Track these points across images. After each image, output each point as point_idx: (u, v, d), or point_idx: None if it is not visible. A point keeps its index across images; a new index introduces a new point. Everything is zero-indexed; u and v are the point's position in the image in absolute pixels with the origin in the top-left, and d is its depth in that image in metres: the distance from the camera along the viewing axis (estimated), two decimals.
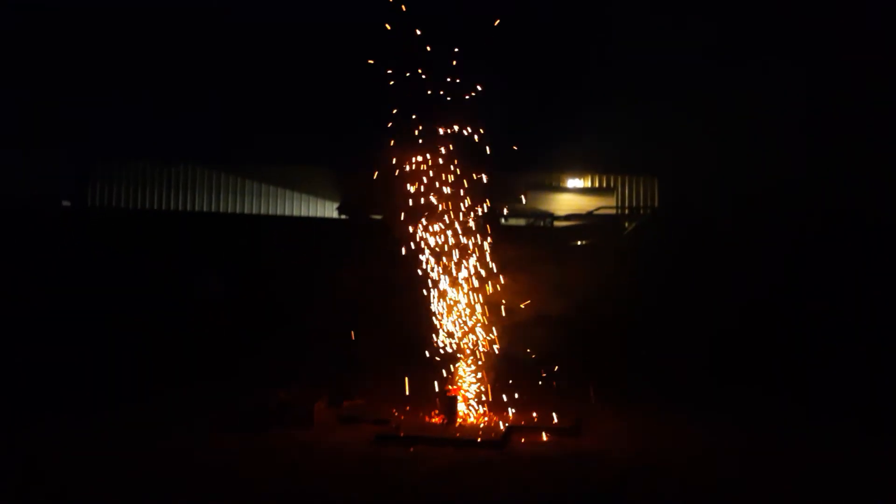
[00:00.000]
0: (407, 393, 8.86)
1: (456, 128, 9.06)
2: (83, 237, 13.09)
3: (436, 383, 8.92)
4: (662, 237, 13.50)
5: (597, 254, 14.02)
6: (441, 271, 8.90)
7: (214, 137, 17.02)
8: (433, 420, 8.62)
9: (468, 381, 8.88)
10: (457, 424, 8.39)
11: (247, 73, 16.53)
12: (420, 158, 9.01)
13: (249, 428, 7.84)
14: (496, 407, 8.76)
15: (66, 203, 17.22)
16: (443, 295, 8.86)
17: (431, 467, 6.61)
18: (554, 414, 8.32)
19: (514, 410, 8.70)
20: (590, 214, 16.93)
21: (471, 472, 6.51)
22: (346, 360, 9.69)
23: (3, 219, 13.27)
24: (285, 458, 6.82)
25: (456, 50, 8.69)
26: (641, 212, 17.47)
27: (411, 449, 7.29)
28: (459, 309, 8.88)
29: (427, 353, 8.95)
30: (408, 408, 8.83)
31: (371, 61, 8.85)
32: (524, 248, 10.35)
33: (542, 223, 16.97)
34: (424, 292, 8.93)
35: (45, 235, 12.87)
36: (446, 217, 9.02)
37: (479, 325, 8.87)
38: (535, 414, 8.49)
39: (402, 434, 7.80)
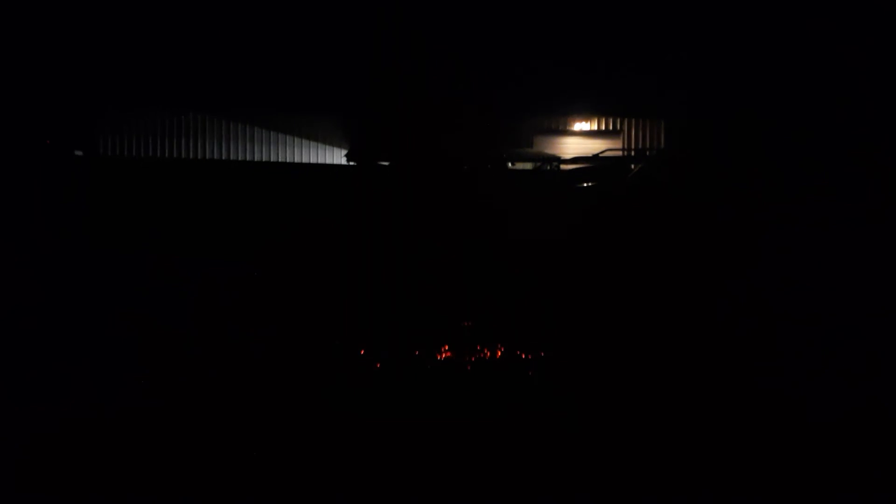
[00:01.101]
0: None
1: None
2: (97, 186, 13.14)
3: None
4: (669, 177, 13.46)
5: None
6: None
7: (223, 84, 17.02)
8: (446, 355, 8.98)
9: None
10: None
11: (255, 18, 16.44)
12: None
13: None
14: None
15: (78, 152, 17.34)
16: None
17: None
18: None
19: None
20: (596, 157, 17.01)
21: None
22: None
23: (15, 168, 13.30)
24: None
25: None
26: (648, 153, 17.53)
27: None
28: None
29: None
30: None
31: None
32: None
33: (548, 167, 17.10)
34: None
35: (59, 184, 12.92)
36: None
37: None
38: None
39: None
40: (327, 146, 18.50)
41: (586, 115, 17.65)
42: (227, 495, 5.09)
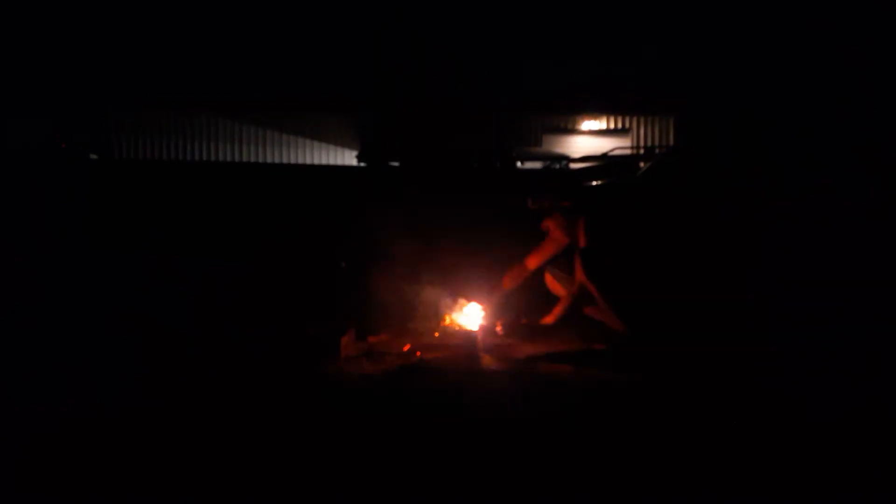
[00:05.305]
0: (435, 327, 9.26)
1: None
2: (116, 190, 13.20)
3: (454, 316, 9.29)
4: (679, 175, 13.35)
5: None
6: None
7: (235, 82, 17.09)
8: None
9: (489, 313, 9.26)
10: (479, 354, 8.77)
11: (267, 17, 16.48)
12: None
13: (278, 362, 8.21)
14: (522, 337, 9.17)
15: (93, 156, 17.49)
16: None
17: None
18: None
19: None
20: (605, 156, 17.01)
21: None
22: (367, 296, 9.98)
23: (30, 174, 13.39)
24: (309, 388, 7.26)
25: None
26: (657, 151, 17.51)
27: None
28: None
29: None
30: (434, 339, 9.25)
31: None
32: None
33: (557, 166, 17.12)
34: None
35: (77, 190, 12.97)
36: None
37: None
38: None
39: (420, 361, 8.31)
40: (338, 147, 18.61)
41: (594, 113, 17.69)
42: (227, 495, 5.02)
